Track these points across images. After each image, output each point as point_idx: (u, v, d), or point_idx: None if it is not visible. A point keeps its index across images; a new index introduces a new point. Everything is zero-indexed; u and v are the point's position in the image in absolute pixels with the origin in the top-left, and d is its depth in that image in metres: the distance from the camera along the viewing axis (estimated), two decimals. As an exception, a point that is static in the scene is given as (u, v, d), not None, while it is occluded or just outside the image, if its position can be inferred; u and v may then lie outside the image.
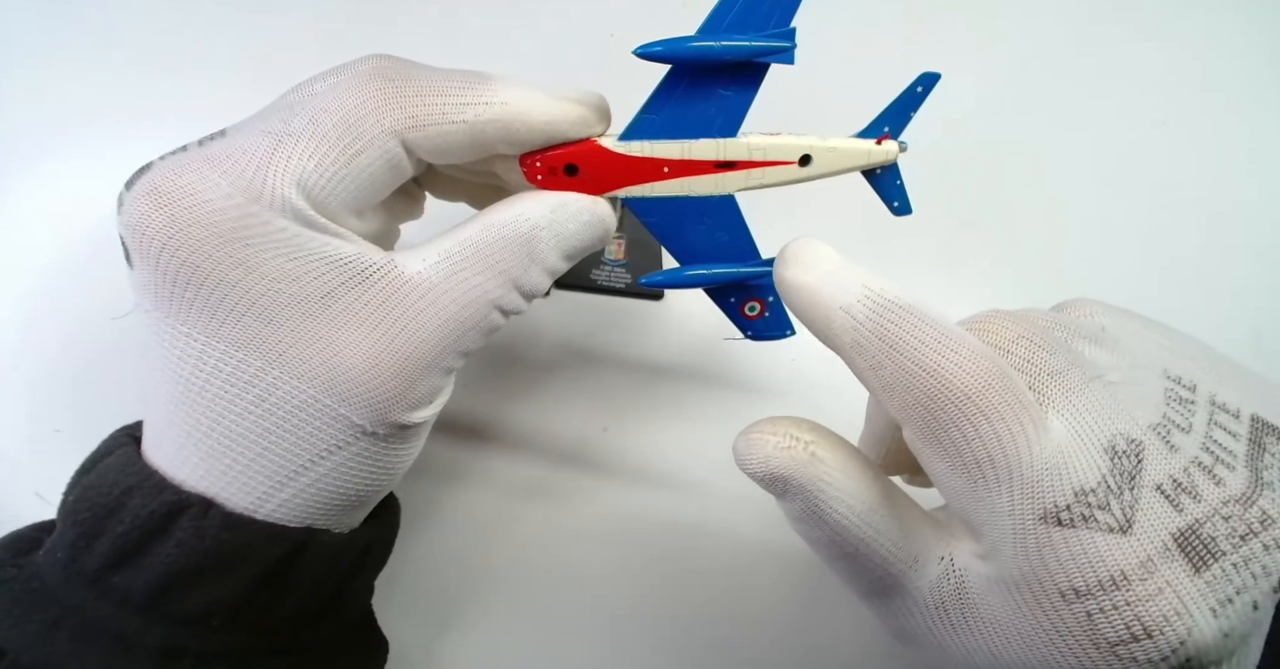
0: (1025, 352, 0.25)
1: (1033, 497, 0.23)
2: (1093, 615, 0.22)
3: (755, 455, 0.26)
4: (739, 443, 0.27)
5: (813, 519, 0.26)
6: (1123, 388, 0.25)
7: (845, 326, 0.25)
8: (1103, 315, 0.29)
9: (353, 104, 0.25)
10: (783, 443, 0.26)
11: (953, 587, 0.26)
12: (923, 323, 0.24)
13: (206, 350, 0.25)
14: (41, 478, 0.39)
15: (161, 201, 0.25)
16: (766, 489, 0.26)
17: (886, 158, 0.30)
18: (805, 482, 0.26)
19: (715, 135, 0.28)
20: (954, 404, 0.23)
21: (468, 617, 0.40)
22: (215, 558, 0.26)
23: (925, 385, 0.24)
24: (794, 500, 0.26)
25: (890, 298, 0.24)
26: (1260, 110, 0.48)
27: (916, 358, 0.24)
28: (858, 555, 0.26)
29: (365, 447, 0.27)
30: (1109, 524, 0.23)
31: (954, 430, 0.24)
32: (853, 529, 0.26)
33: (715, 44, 0.26)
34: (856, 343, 0.25)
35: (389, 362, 0.26)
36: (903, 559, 0.26)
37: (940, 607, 0.26)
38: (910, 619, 0.27)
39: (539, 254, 0.28)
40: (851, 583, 0.28)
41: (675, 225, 0.29)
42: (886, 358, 0.24)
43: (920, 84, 0.30)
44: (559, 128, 0.27)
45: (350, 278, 0.26)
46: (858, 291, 0.25)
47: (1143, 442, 0.24)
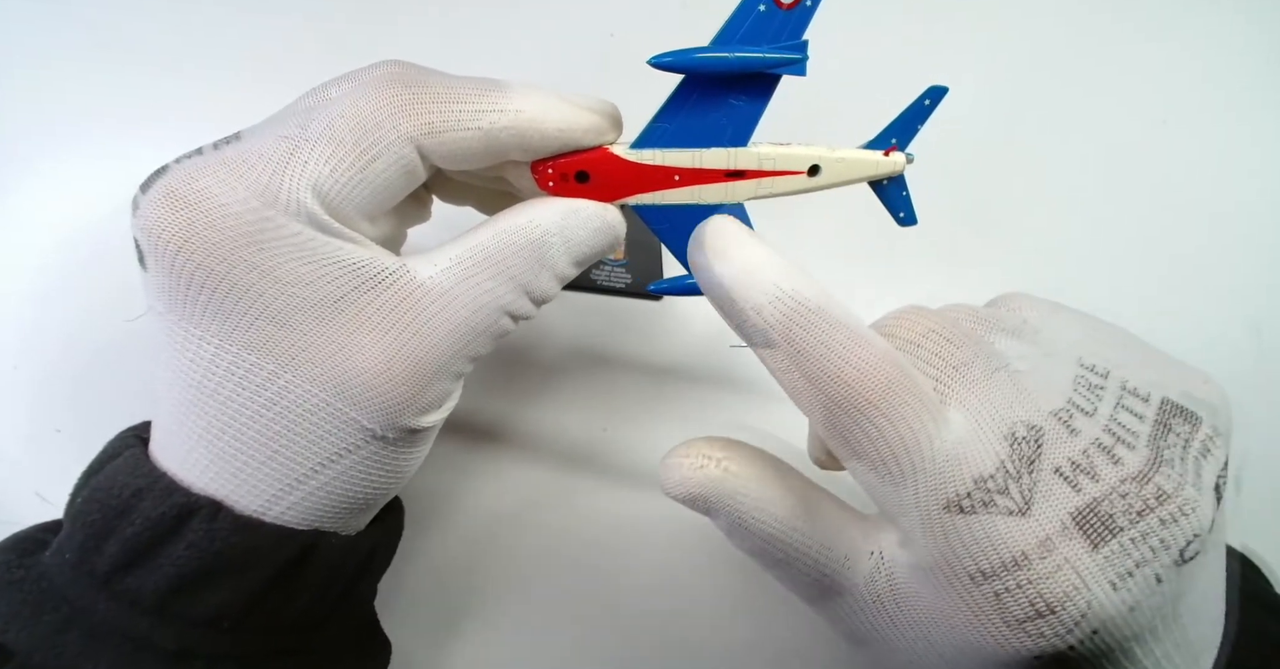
0: (934, 345, 0.26)
1: (935, 488, 0.24)
2: (1000, 595, 0.23)
3: (673, 478, 0.27)
4: (660, 470, 0.27)
5: (740, 532, 0.27)
6: (1028, 376, 0.26)
7: (755, 330, 0.25)
8: (1029, 309, 0.30)
9: (369, 110, 0.26)
10: (695, 463, 0.27)
11: (885, 579, 0.26)
12: (831, 327, 0.24)
13: (219, 353, 0.26)
14: (42, 478, 0.39)
15: (177, 205, 0.25)
16: (692, 509, 0.27)
17: (894, 169, 0.31)
18: (722, 498, 0.26)
19: (726, 145, 0.28)
20: (857, 409, 0.24)
21: (470, 618, 0.40)
22: (225, 560, 0.26)
23: (830, 391, 0.24)
24: (718, 516, 0.27)
25: (801, 300, 0.25)
26: (1260, 110, 0.48)
27: (822, 365, 0.24)
28: (790, 561, 0.27)
29: (375, 450, 0.27)
30: (1008, 507, 0.23)
31: (858, 431, 0.24)
32: (779, 536, 0.26)
33: (728, 55, 0.26)
34: (767, 343, 0.25)
35: (401, 366, 0.26)
36: (834, 559, 0.27)
37: (877, 600, 0.26)
38: (856, 618, 0.27)
39: (549, 260, 0.28)
40: (794, 589, 0.28)
41: (685, 233, 0.29)
42: (793, 363, 0.25)
43: (928, 97, 0.30)
44: (573, 135, 0.28)
45: (363, 282, 0.26)
46: (771, 291, 0.25)
47: (1042, 427, 0.25)
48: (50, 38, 0.45)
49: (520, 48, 0.47)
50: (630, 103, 0.29)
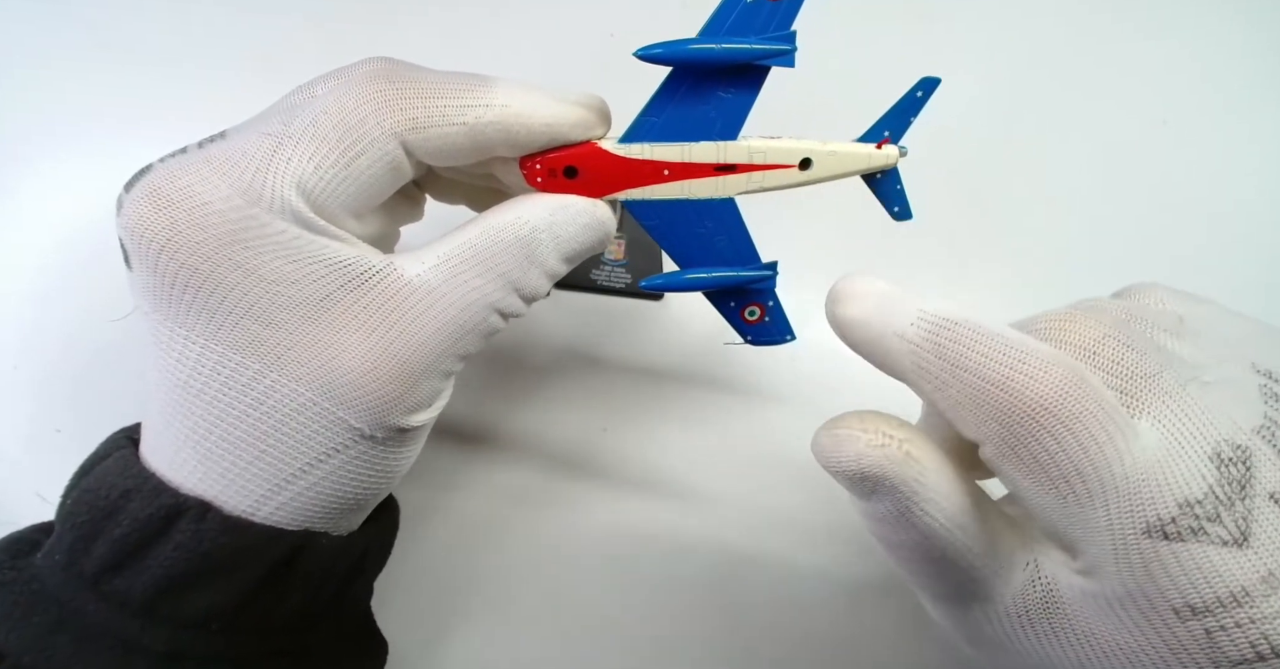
0: (1113, 353, 0.24)
1: (1132, 510, 0.22)
2: (1212, 633, 0.21)
3: (845, 453, 0.24)
4: (823, 439, 0.25)
5: (900, 522, 0.25)
6: (1219, 388, 0.24)
7: (903, 352, 0.24)
8: (1175, 303, 0.28)
9: (353, 106, 0.25)
10: (875, 441, 0.24)
11: (1039, 595, 0.24)
12: (984, 336, 0.23)
13: (205, 353, 0.25)
14: (42, 478, 0.39)
15: (160, 204, 0.25)
16: (852, 488, 0.25)
17: (887, 162, 0.30)
18: (900, 482, 0.24)
19: (715, 138, 0.28)
20: (1031, 417, 0.22)
21: (467, 619, 0.40)
22: (214, 561, 0.26)
23: (997, 401, 0.23)
24: (882, 501, 0.25)
25: (944, 316, 0.24)
26: (1260, 110, 0.48)
27: (983, 373, 0.23)
28: (944, 560, 0.25)
29: (364, 450, 0.27)
30: (1222, 537, 0.21)
31: (1035, 445, 0.23)
32: (942, 533, 0.24)
33: (715, 46, 0.26)
34: (917, 366, 0.24)
35: (387, 365, 0.26)
36: (989, 565, 0.25)
37: (1024, 615, 0.25)
38: (989, 626, 0.26)
39: (538, 257, 0.28)
40: (929, 588, 0.26)
41: (675, 228, 0.29)
42: (951, 377, 0.23)
43: (920, 88, 0.30)
44: (559, 130, 0.27)
45: (349, 281, 0.26)
46: (910, 315, 0.24)
47: (1249, 447, 0.22)
48: (50, 38, 0.45)
49: (520, 48, 0.47)
50: (630, 104, 0.29)
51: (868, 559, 0.42)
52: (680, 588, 0.41)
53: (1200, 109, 0.48)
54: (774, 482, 0.43)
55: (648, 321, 0.45)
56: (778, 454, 0.43)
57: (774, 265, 0.31)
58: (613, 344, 0.45)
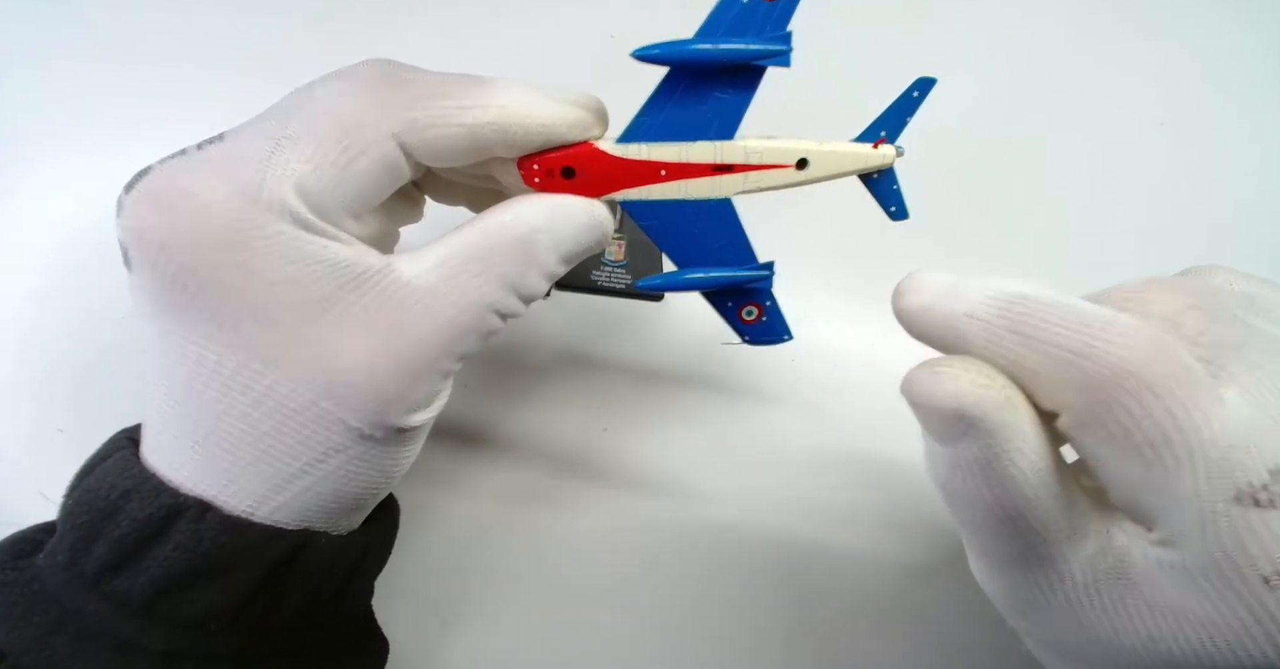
0: (1197, 323, 0.23)
1: (1221, 476, 0.21)
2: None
3: (945, 390, 0.23)
4: (922, 375, 0.24)
5: (985, 471, 0.24)
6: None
7: (975, 331, 0.24)
8: (1243, 283, 0.27)
9: (351, 107, 0.25)
10: (979, 380, 0.23)
11: (1110, 566, 0.24)
12: (1058, 308, 0.23)
13: (204, 353, 0.26)
14: (44, 477, 0.39)
15: (160, 205, 0.25)
16: (943, 429, 0.24)
17: (883, 162, 0.30)
18: (997, 426, 0.23)
19: (712, 138, 0.28)
20: (1115, 383, 0.22)
21: (468, 618, 0.40)
22: (213, 561, 0.26)
23: (1078, 369, 0.22)
24: (971, 446, 0.24)
25: (1014, 292, 0.24)
26: (1259, 110, 0.48)
27: (1060, 343, 0.23)
28: (1019, 518, 0.24)
29: (363, 450, 0.27)
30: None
31: (1120, 411, 0.22)
32: (1024, 488, 0.24)
33: (712, 47, 0.26)
34: (990, 342, 0.24)
35: (386, 365, 0.26)
36: (1063, 529, 0.24)
37: (1092, 585, 0.24)
38: (1050, 593, 0.25)
39: (536, 257, 0.28)
40: (991, 550, 0.26)
41: (672, 228, 0.29)
42: (1027, 349, 0.23)
43: (916, 88, 0.30)
44: (557, 131, 0.27)
45: (348, 281, 0.26)
46: (978, 296, 0.24)
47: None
48: (50, 38, 0.45)
49: (520, 49, 0.47)
50: (630, 104, 0.29)
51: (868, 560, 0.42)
52: (679, 588, 0.41)
53: (1200, 109, 0.48)
54: (774, 482, 0.43)
55: (648, 322, 0.45)
56: (778, 454, 0.43)
57: (771, 265, 0.31)
58: (613, 345, 0.45)
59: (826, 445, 0.43)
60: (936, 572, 0.42)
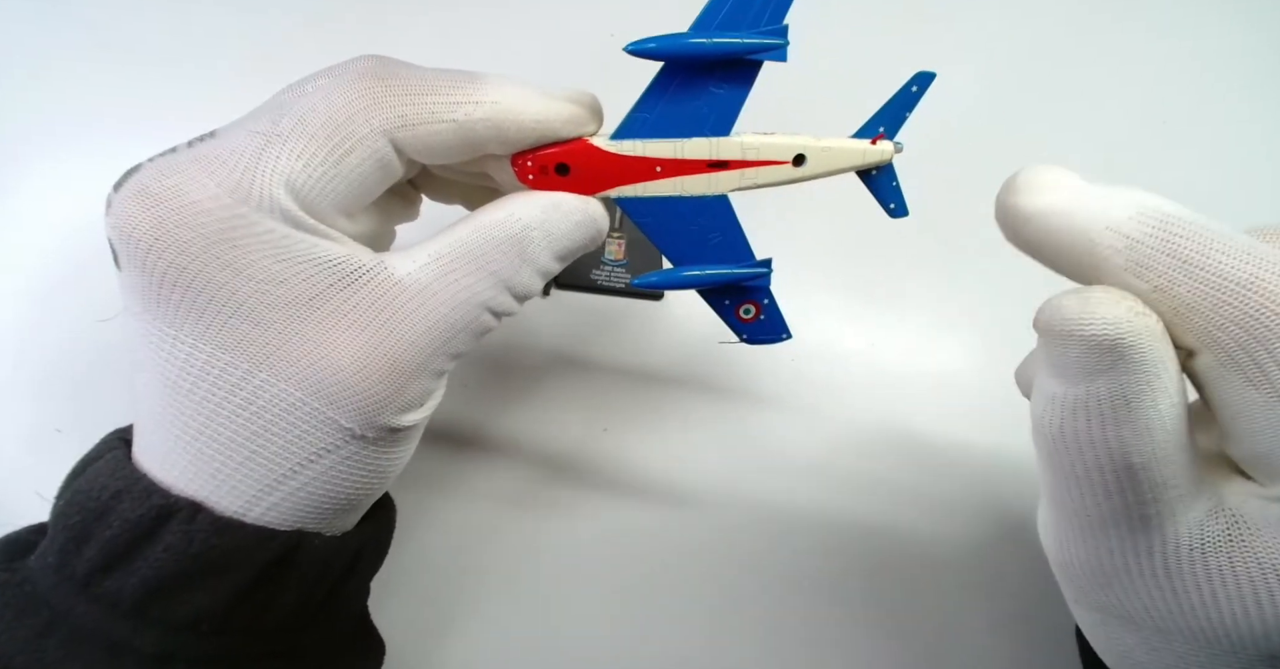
0: None
1: None
2: None
3: (1100, 315, 0.22)
4: (1069, 301, 0.22)
5: (1116, 413, 0.22)
6: None
7: (1115, 248, 0.22)
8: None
9: (341, 103, 0.25)
10: (1137, 307, 0.22)
11: (1222, 528, 0.23)
12: (1220, 236, 0.22)
13: (194, 353, 0.25)
14: (42, 477, 0.38)
15: (148, 203, 0.25)
16: (1083, 362, 0.22)
17: (882, 158, 0.30)
18: (1149, 362, 0.22)
19: (708, 134, 0.28)
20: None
21: (465, 619, 0.40)
22: (204, 562, 0.25)
23: (1239, 300, 0.21)
24: (1108, 383, 0.22)
25: (1170, 212, 0.22)
26: (1261, 110, 0.48)
27: (1225, 273, 0.21)
28: (1142, 469, 0.22)
29: (355, 450, 0.27)
30: None
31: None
32: (1158, 437, 0.22)
33: (707, 41, 0.26)
34: (1135, 263, 0.22)
35: (378, 364, 0.26)
36: (1182, 485, 0.23)
37: (1199, 547, 0.23)
38: (1148, 558, 0.24)
39: (530, 255, 0.28)
40: (1096, 508, 0.24)
41: (668, 226, 0.29)
42: (1182, 275, 0.22)
43: (915, 83, 0.30)
44: (551, 126, 0.27)
45: (339, 279, 0.26)
46: (1128, 208, 0.22)
47: None
48: (50, 38, 0.45)
49: (520, 49, 0.47)
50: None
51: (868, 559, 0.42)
52: (676, 589, 0.41)
53: (1202, 108, 0.48)
54: (773, 482, 0.42)
55: (648, 322, 0.45)
56: (777, 455, 0.43)
57: (768, 263, 0.30)
58: (612, 344, 0.45)
59: (826, 446, 0.43)
60: (937, 571, 0.42)
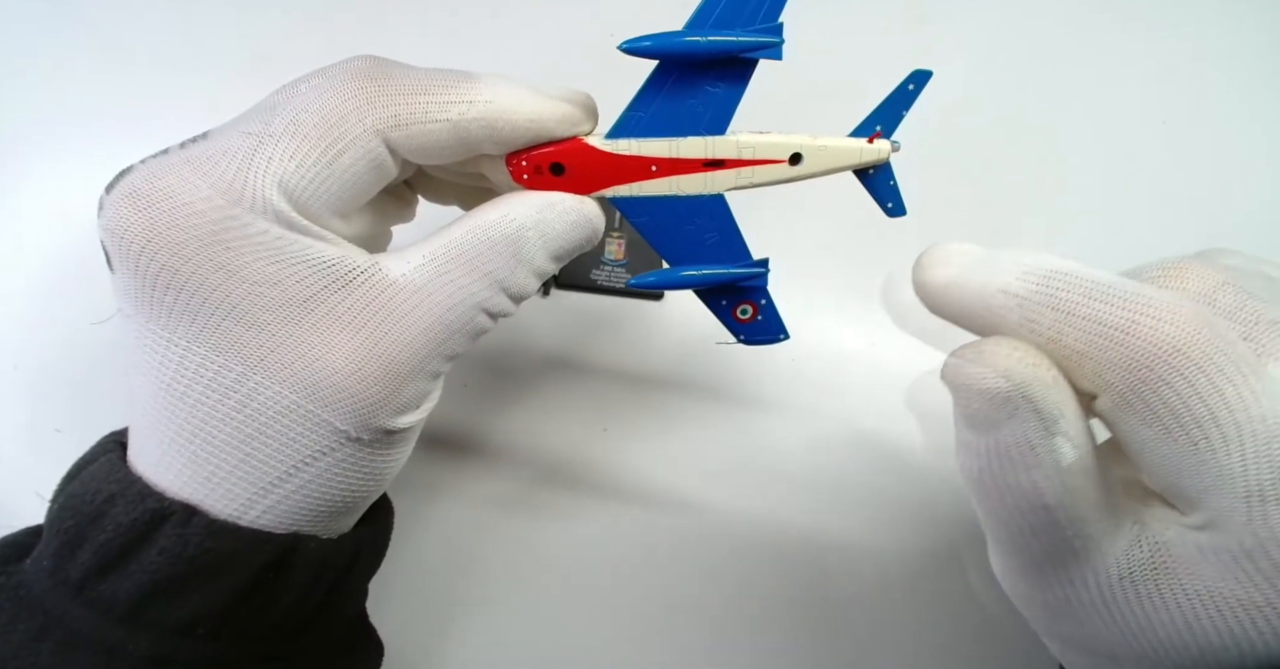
0: (1233, 299, 0.23)
1: (1270, 454, 0.21)
2: None
3: (992, 367, 0.23)
4: (965, 356, 0.24)
5: (1023, 459, 0.23)
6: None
7: (1009, 306, 0.24)
8: (1258, 265, 0.27)
9: (334, 103, 0.25)
10: (1028, 359, 0.23)
11: (1146, 556, 0.23)
12: (1098, 285, 0.23)
13: (187, 355, 0.25)
14: (41, 478, 0.38)
15: (140, 204, 0.24)
16: (984, 413, 0.24)
17: (879, 157, 0.30)
18: (1044, 409, 0.23)
19: (703, 133, 0.28)
20: (1161, 361, 0.22)
21: (464, 620, 0.40)
22: (199, 566, 0.25)
23: (1122, 347, 0.22)
24: (1012, 431, 0.23)
25: (1051, 267, 0.23)
26: (1262, 109, 0.48)
27: (1103, 320, 0.22)
28: (1058, 509, 0.23)
29: (350, 452, 0.27)
30: None
31: (1165, 390, 0.22)
32: (1066, 479, 0.23)
33: (702, 39, 0.26)
34: (1027, 319, 0.23)
35: (373, 366, 0.26)
36: (1099, 520, 0.24)
37: (1127, 577, 0.24)
38: (1082, 590, 0.25)
39: (526, 255, 0.27)
40: (1026, 546, 0.25)
41: (664, 225, 0.29)
42: (1067, 326, 0.23)
43: (912, 81, 0.29)
44: (545, 125, 0.27)
45: (333, 281, 0.26)
46: (1012, 270, 0.24)
47: None
48: (50, 38, 0.45)
49: (520, 48, 0.47)
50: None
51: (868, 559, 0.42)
52: (676, 590, 0.41)
53: (1200, 109, 0.48)
54: (773, 482, 0.42)
55: (648, 322, 0.45)
56: (778, 455, 0.43)
57: (765, 262, 0.30)
58: (613, 345, 0.45)
59: (825, 446, 0.43)
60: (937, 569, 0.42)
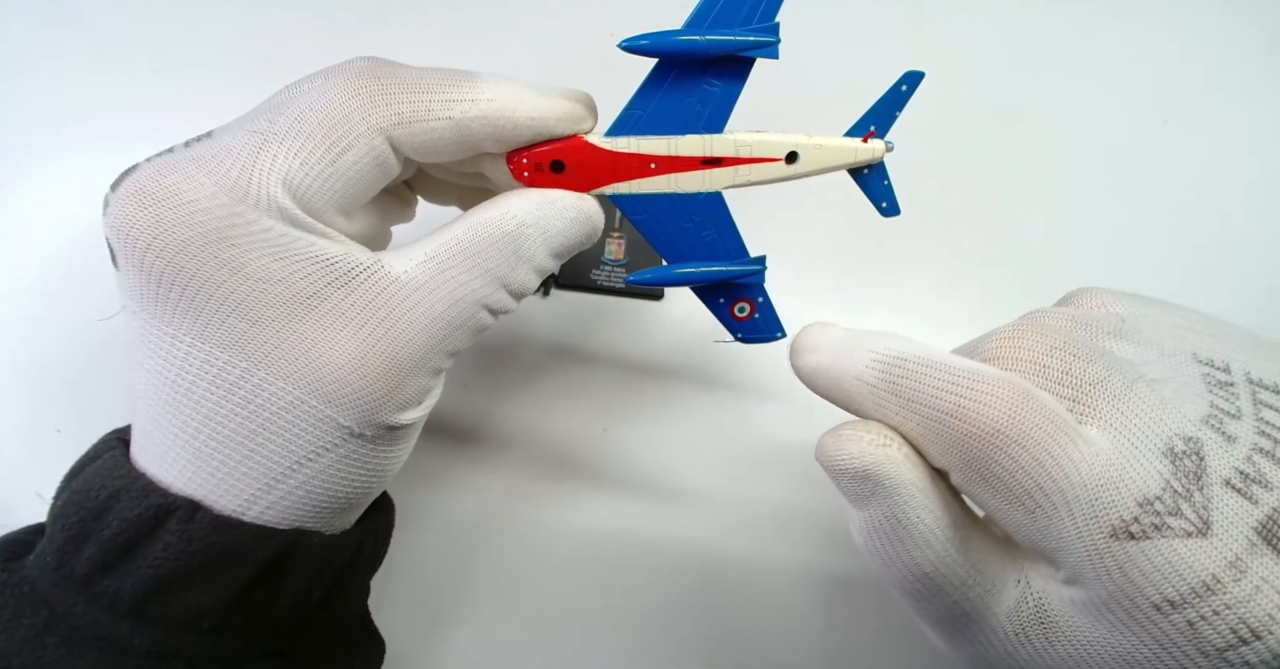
0: (1061, 364, 0.25)
1: (1095, 516, 0.22)
2: (1194, 624, 0.21)
3: (848, 451, 0.25)
4: (827, 440, 0.26)
5: (893, 531, 0.25)
6: (1166, 384, 0.24)
7: (863, 394, 0.25)
8: (1115, 304, 0.28)
9: (339, 102, 0.25)
10: (878, 441, 0.25)
11: (1032, 611, 0.25)
12: (932, 369, 0.24)
13: (192, 352, 0.25)
14: (42, 478, 0.38)
15: (146, 202, 0.25)
16: (851, 490, 0.26)
17: (873, 156, 0.30)
18: (897, 484, 0.25)
19: (701, 131, 0.28)
20: (986, 441, 0.23)
21: (466, 617, 0.40)
22: (203, 561, 0.26)
23: (953, 430, 0.24)
24: (878, 506, 0.25)
25: (894, 354, 0.25)
26: (1261, 110, 0.48)
27: (936, 405, 0.24)
28: (936, 576, 0.25)
29: (354, 448, 0.27)
30: (1185, 529, 0.22)
31: (995, 466, 0.23)
32: (935, 545, 0.25)
33: (700, 38, 0.26)
34: (878, 405, 0.25)
35: (375, 362, 0.26)
36: (981, 584, 0.25)
37: (1020, 632, 0.25)
38: (988, 648, 0.26)
39: (526, 252, 0.28)
40: (925, 611, 0.27)
41: (662, 223, 0.29)
42: (909, 412, 0.24)
43: (905, 82, 0.30)
44: (545, 124, 0.27)
45: (336, 278, 0.26)
46: (864, 357, 0.25)
47: (1200, 438, 0.23)
48: (50, 38, 0.45)
49: (519, 47, 0.47)
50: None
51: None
52: (678, 587, 0.41)
53: (1200, 109, 0.48)
54: (774, 480, 0.43)
55: (648, 321, 0.45)
56: (778, 453, 0.43)
57: (763, 260, 0.30)
58: (613, 344, 0.45)
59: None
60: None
